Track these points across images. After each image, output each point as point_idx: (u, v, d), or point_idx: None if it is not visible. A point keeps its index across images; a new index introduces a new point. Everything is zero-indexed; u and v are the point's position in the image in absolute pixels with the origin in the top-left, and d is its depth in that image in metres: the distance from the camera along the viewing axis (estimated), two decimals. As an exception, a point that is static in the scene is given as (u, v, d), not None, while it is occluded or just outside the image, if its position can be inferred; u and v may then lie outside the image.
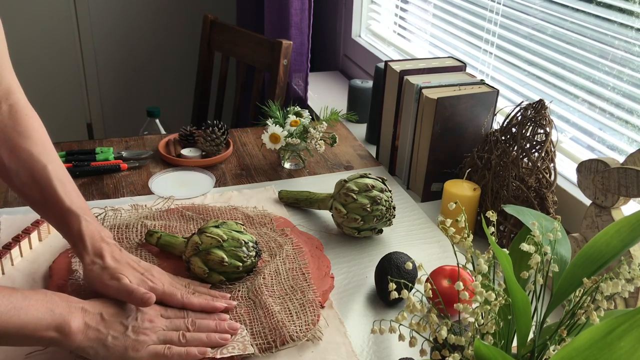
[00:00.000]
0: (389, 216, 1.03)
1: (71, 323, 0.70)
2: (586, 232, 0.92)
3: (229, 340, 0.78)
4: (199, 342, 0.76)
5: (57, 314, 0.69)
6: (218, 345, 0.77)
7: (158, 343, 0.74)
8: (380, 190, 1.02)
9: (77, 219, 0.81)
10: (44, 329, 0.68)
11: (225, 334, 0.79)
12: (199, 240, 0.88)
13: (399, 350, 0.82)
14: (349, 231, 1.04)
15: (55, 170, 0.83)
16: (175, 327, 0.78)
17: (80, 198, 0.85)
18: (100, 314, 0.73)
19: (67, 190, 0.83)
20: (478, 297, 0.59)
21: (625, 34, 1.05)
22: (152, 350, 0.73)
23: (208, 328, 0.79)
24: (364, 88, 1.56)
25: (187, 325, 0.78)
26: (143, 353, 0.73)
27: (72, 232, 0.81)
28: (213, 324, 0.79)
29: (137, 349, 0.73)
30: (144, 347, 0.73)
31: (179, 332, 0.77)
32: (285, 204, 1.16)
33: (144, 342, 0.73)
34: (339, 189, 1.04)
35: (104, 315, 0.73)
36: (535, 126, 1.04)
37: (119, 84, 2.63)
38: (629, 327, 0.47)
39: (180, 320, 0.79)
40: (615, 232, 0.62)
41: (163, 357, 0.73)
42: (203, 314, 0.81)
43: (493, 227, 0.66)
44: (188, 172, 1.25)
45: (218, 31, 1.91)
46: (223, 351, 0.77)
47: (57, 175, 0.83)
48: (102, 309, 0.74)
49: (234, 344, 0.78)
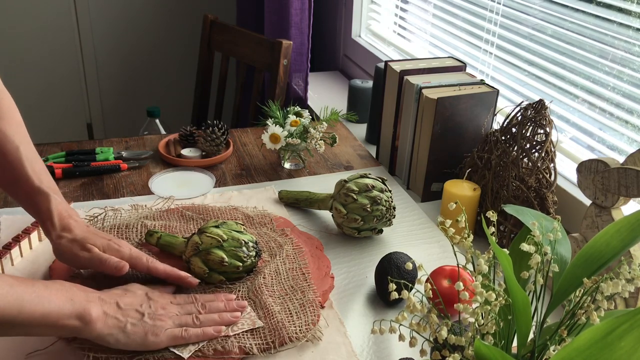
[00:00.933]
0: (389, 216, 1.03)
1: (91, 311, 0.71)
2: (586, 232, 0.92)
3: (240, 318, 0.82)
4: (213, 322, 0.80)
5: (77, 302, 0.71)
6: (230, 323, 0.81)
7: (174, 327, 0.77)
8: (381, 191, 1.02)
9: (47, 198, 0.83)
10: (66, 317, 0.69)
11: (236, 312, 0.82)
12: (199, 240, 0.88)
13: (399, 351, 0.82)
14: (349, 231, 1.04)
15: (26, 151, 0.86)
16: (188, 311, 0.80)
17: (50, 178, 0.87)
18: (116, 303, 0.75)
19: (36, 170, 0.85)
20: (478, 297, 0.59)
21: (625, 34, 1.05)
22: (171, 334, 0.76)
23: (218, 309, 0.82)
24: (364, 88, 1.56)
25: (198, 308, 0.81)
26: (162, 337, 0.75)
27: (40, 210, 0.83)
28: (222, 304, 0.83)
29: (156, 334, 0.75)
30: (163, 332, 0.76)
31: (192, 315, 0.79)
32: (285, 204, 1.16)
33: (162, 327, 0.76)
34: (339, 189, 1.04)
35: (119, 304, 0.76)
36: (535, 126, 1.04)
37: (119, 84, 2.63)
38: (629, 327, 0.47)
39: (190, 305, 0.81)
40: (615, 232, 0.62)
41: (181, 339, 0.76)
42: (210, 296, 0.84)
43: (493, 227, 0.66)
44: (188, 172, 1.25)
45: (218, 31, 1.91)
46: (234, 328, 0.80)
47: (28, 156, 0.86)
48: (117, 298, 0.76)
49: (243, 320, 0.82)
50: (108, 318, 0.73)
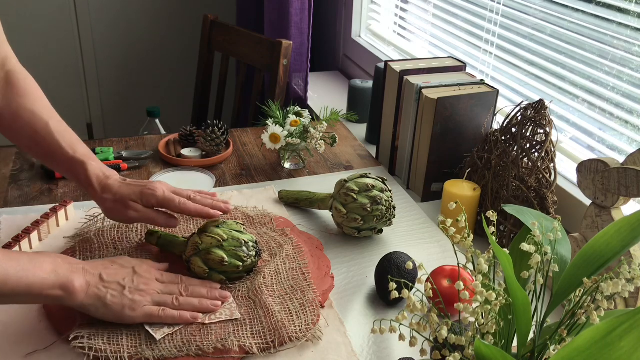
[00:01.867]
0: (389, 216, 1.04)
1: (74, 282, 0.75)
2: (586, 232, 0.92)
3: (220, 307, 0.83)
4: (191, 307, 0.82)
5: (61, 274, 0.75)
6: (209, 311, 0.82)
7: (152, 305, 0.80)
8: (381, 190, 1.02)
9: (83, 166, 0.90)
10: (50, 288, 0.73)
11: (217, 301, 0.83)
12: (199, 240, 0.88)
13: (399, 350, 0.82)
14: (349, 231, 1.04)
15: (55, 125, 0.92)
16: (170, 291, 0.83)
17: (83, 145, 0.93)
18: (99, 275, 0.79)
19: (68, 141, 0.91)
20: (478, 297, 0.59)
21: (625, 34, 1.05)
22: (148, 311, 0.79)
23: (200, 294, 0.84)
24: (364, 88, 1.56)
25: (181, 290, 0.83)
26: (139, 313, 0.79)
27: (80, 178, 0.91)
28: (205, 290, 0.84)
29: (133, 309, 0.78)
30: (140, 307, 0.79)
31: (172, 296, 0.82)
32: (285, 204, 1.16)
33: (140, 303, 0.79)
34: (339, 189, 1.04)
35: (102, 276, 0.79)
36: (535, 126, 1.04)
37: (119, 84, 2.63)
38: (629, 327, 0.47)
39: (174, 286, 0.84)
40: (615, 232, 0.62)
41: (157, 318, 0.79)
42: (196, 281, 0.86)
43: (493, 227, 0.66)
44: (188, 172, 1.25)
45: (218, 31, 1.91)
46: (211, 317, 0.81)
47: (58, 129, 0.92)
48: (101, 269, 0.80)
49: (222, 310, 0.83)
50: (90, 288, 0.77)
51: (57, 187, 1.17)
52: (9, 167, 1.23)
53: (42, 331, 0.81)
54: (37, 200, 1.12)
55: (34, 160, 1.26)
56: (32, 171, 1.22)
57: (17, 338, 0.79)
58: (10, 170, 1.23)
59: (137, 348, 0.77)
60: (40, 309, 0.84)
